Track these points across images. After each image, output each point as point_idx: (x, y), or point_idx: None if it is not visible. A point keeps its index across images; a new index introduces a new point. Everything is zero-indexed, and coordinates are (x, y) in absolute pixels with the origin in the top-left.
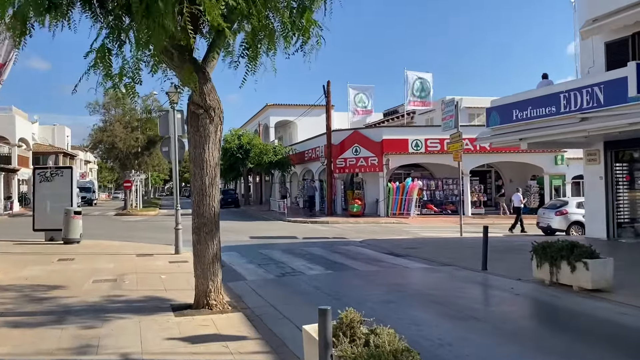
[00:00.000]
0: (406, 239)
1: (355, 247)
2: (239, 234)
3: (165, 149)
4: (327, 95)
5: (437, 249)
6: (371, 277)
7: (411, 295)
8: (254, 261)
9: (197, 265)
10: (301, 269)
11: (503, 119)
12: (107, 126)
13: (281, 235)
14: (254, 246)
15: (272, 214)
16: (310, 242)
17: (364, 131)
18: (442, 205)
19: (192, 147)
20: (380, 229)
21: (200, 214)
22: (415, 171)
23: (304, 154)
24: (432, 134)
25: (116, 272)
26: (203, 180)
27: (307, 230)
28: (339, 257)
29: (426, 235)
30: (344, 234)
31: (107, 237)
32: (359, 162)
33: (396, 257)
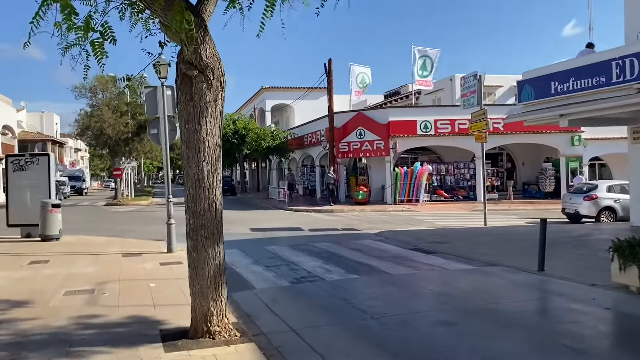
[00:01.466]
0: (426, 230)
1: (372, 242)
2: (238, 225)
3: (154, 132)
4: (328, 75)
5: (468, 242)
6: (408, 283)
7: (472, 311)
8: (260, 261)
9: (195, 281)
10: (318, 271)
11: (539, 93)
12: (95, 111)
13: (285, 227)
14: (257, 241)
15: (271, 202)
16: (319, 236)
17: (368, 113)
18: (452, 191)
19: (183, 122)
20: (390, 218)
21: (196, 213)
22: (422, 155)
23: (303, 138)
24: (442, 115)
25: (95, 280)
26: (200, 167)
27: (312, 221)
28: (359, 256)
29: (445, 224)
30: (354, 225)
31: (92, 231)
32: (363, 145)
33: (426, 254)
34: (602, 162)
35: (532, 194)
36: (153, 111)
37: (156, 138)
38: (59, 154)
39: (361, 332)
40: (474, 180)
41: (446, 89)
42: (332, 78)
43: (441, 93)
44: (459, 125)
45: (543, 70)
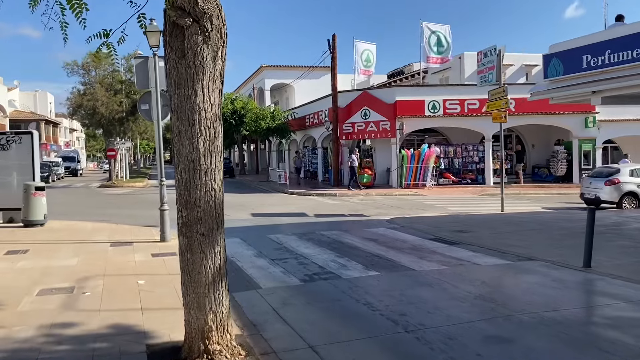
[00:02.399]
0: (441, 217)
1: (386, 230)
2: (237, 209)
3: (145, 107)
4: (332, 51)
5: (492, 231)
6: (439, 282)
7: (528, 323)
8: (264, 253)
9: (188, 288)
10: (331, 266)
11: (568, 68)
12: (88, 89)
13: (288, 212)
14: (259, 228)
15: (271, 185)
16: (326, 223)
17: (374, 92)
18: (460, 174)
19: (173, 86)
20: (398, 202)
21: (190, 203)
22: (429, 136)
23: (304, 119)
24: (450, 94)
25: (77, 275)
26: (194, 145)
27: (316, 205)
28: (375, 247)
29: (458, 210)
30: (361, 210)
31: (83, 215)
32: (368, 126)
33: (449, 245)
34: (615, 145)
35: (542, 177)
36: (144, 84)
37: (148, 114)
38: (53, 134)
39: (398, 351)
40: (483, 163)
41: (454, 68)
42: (337, 55)
43: (449, 72)
44: (469, 106)
45: (574, 43)
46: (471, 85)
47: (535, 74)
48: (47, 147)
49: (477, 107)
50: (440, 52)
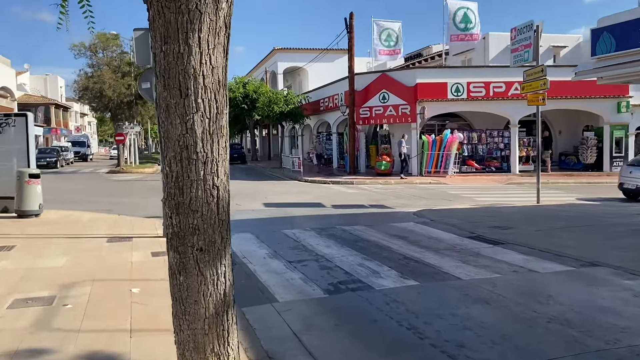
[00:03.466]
0: (473, 210)
1: (415, 226)
2: (249, 199)
3: (146, 86)
4: (349, 30)
5: (537, 227)
6: (495, 297)
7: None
8: (280, 253)
9: (182, 322)
10: (360, 272)
11: (622, 43)
12: (95, 71)
13: (303, 202)
14: (273, 221)
15: (284, 172)
16: (346, 215)
17: (393, 74)
18: (484, 162)
19: (158, 39)
20: (420, 192)
21: (183, 207)
22: (450, 121)
23: (318, 103)
24: (475, 77)
25: (61, 279)
26: (188, 124)
27: (332, 195)
28: (406, 246)
29: (488, 201)
30: (381, 200)
31: (85, 204)
32: (387, 111)
33: (493, 245)
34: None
35: (570, 165)
36: (145, 60)
37: (149, 93)
38: (63, 118)
39: None
40: (508, 150)
41: (478, 50)
42: (354, 34)
43: (472, 54)
44: (494, 89)
45: (628, 15)
46: (497, 67)
47: (564, 56)
48: (57, 131)
49: (503, 91)
50: (469, 28)
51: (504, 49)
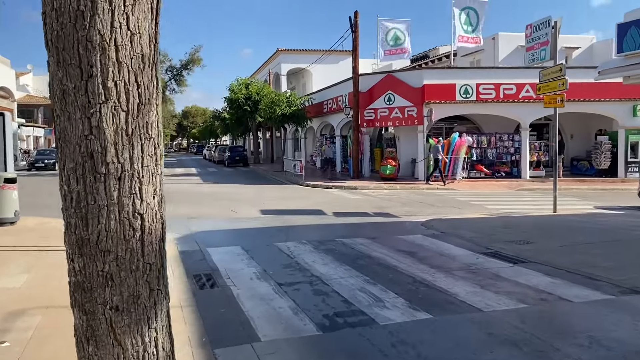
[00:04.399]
0: (486, 219)
1: (424, 239)
2: (245, 205)
3: None
4: (354, 30)
5: (560, 242)
6: (527, 338)
7: None
8: (270, 272)
9: None
10: (361, 300)
11: None
12: None
13: (303, 209)
14: (267, 231)
15: (285, 176)
16: (348, 225)
17: (399, 75)
18: (493, 166)
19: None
20: (427, 198)
21: (88, 245)
22: (458, 124)
23: (322, 105)
24: (485, 78)
25: (11, 305)
26: (94, 120)
27: (334, 200)
28: (416, 265)
29: (501, 209)
30: (386, 207)
31: None
32: (392, 113)
33: (513, 264)
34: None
35: (583, 170)
36: None
37: None
38: None
39: None
40: (519, 154)
41: (487, 50)
42: (358, 34)
43: (481, 54)
44: (505, 91)
45: None
46: (507, 68)
47: (576, 57)
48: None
49: (514, 93)
50: (469, 31)
51: (514, 49)
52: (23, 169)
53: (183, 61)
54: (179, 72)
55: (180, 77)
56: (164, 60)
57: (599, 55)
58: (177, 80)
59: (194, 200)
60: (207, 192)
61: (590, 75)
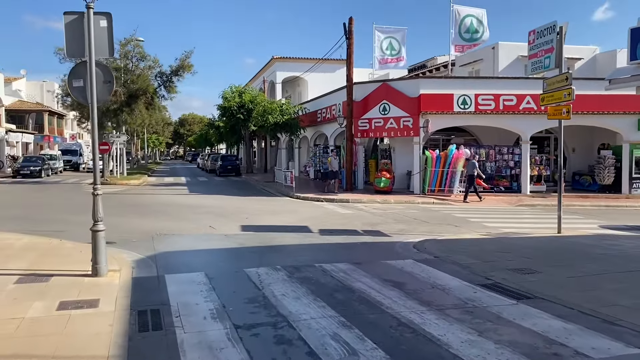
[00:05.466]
0: (484, 240)
1: (415, 265)
2: (227, 219)
3: (79, 83)
4: (348, 36)
5: (569, 271)
6: None
7: None
8: (229, 308)
9: None
10: (331, 352)
11: None
12: None
13: (287, 225)
14: (240, 253)
15: (276, 187)
16: (332, 246)
17: (395, 84)
18: (492, 180)
19: None
20: (422, 214)
21: None
22: (456, 136)
23: (316, 114)
24: (484, 88)
25: None
26: None
27: (323, 215)
28: (403, 301)
29: (501, 227)
30: (378, 224)
31: (37, 223)
32: (387, 123)
33: (517, 301)
34: None
35: (585, 185)
36: (77, 52)
37: (81, 93)
38: (58, 126)
39: None
40: (519, 168)
41: (487, 60)
42: (353, 41)
43: (480, 64)
44: (504, 102)
45: None
46: (507, 79)
47: (578, 69)
48: (49, 139)
49: (514, 104)
50: (475, 38)
51: (515, 59)
52: (7, 175)
53: (173, 67)
54: (168, 78)
55: (170, 84)
56: (153, 66)
57: (602, 66)
58: (166, 86)
59: (173, 213)
60: (190, 204)
61: (593, 87)
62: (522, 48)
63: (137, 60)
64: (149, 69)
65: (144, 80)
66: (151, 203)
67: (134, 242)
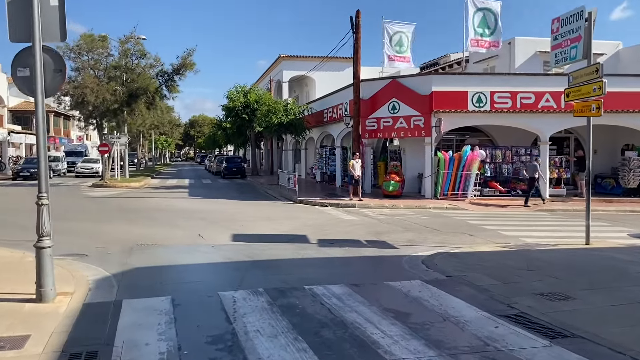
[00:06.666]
0: (504, 254)
1: (423, 287)
2: (219, 227)
3: (24, 72)
4: (355, 31)
5: (609, 297)
6: None
7: None
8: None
9: None
10: None
11: None
12: (77, 75)
13: (283, 233)
14: (221, 270)
15: (279, 191)
16: (329, 261)
17: (405, 81)
18: (509, 184)
19: None
20: (434, 220)
21: None
22: (470, 136)
23: (322, 113)
24: (500, 85)
25: None
26: None
27: (325, 222)
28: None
29: (520, 237)
30: (384, 232)
31: (7, 229)
32: (397, 122)
33: (550, 340)
34: None
35: (608, 189)
36: (23, 35)
37: (27, 84)
38: (64, 127)
39: None
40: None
41: (502, 56)
42: (360, 35)
43: (496, 61)
44: (522, 100)
45: None
46: (525, 75)
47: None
48: (55, 140)
49: (532, 102)
50: (486, 34)
51: (532, 55)
52: (7, 177)
53: (175, 65)
54: (170, 77)
55: (171, 83)
56: (155, 64)
57: (625, 62)
58: (168, 85)
59: (164, 219)
60: (186, 209)
61: (617, 84)
62: (540, 43)
63: (137, 58)
64: (150, 68)
65: (145, 79)
66: (145, 208)
67: (108, 255)
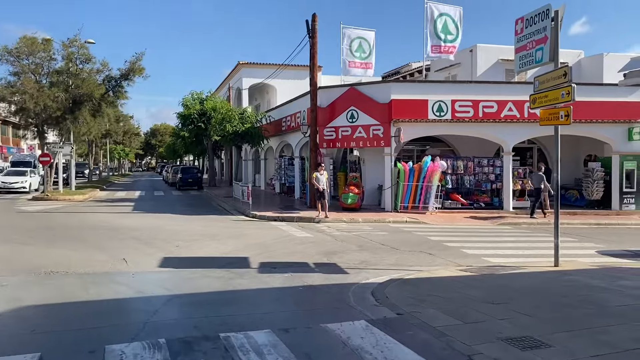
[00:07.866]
0: (465, 281)
1: (367, 332)
2: (153, 248)
3: None
4: (312, 35)
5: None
6: None
7: None
8: None
9: None
10: None
11: None
12: (17, 80)
13: (222, 256)
14: (126, 311)
15: (234, 203)
16: (264, 294)
17: (364, 88)
18: (471, 196)
19: None
20: (392, 236)
21: None
22: (432, 147)
23: (280, 122)
24: (461, 94)
25: None
26: None
27: (273, 240)
28: None
29: (484, 255)
30: (337, 252)
31: None
32: (355, 132)
33: None
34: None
35: (572, 201)
36: None
37: None
38: (14, 136)
39: None
40: (500, 181)
41: (464, 64)
42: (317, 40)
43: (457, 69)
44: (484, 109)
45: None
46: (487, 83)
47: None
48: (2, 150)
49: (495, 111)
50: (451, 40)
51: (495, 63)
52: None
53: (122, 70)
54: (117, 82)
55: (119, 89)
56: (102, 69)
57: (587, 72)
58: (115, 92)
59: (92, 239)
60: (121, 227)
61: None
62: (503, 51)
63: (81, 62)
64: (97, 73)
65: (90, 85)
66: (78, 225)
67: (1, 287)
